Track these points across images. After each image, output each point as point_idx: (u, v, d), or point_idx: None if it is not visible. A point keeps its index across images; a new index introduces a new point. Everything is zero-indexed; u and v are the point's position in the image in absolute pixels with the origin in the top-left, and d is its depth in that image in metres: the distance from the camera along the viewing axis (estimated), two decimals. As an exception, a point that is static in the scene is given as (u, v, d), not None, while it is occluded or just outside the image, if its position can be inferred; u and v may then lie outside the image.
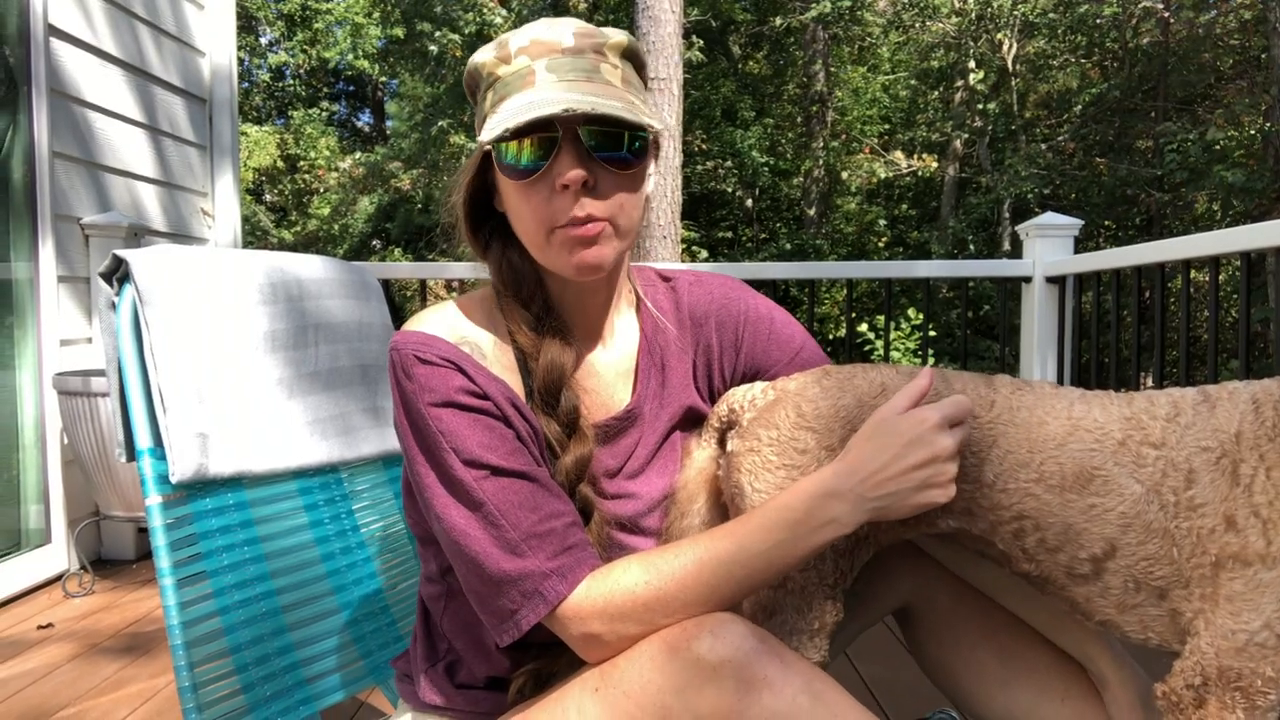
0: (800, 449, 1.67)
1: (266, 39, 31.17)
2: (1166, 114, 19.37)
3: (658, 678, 1.53)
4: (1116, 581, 1.55)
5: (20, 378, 4.95)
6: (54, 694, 3.54)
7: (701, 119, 22.60)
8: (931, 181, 23.45)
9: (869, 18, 22.73)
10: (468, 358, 1.71)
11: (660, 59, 12.28)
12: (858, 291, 18.93)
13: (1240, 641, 1.41)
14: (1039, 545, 1.59)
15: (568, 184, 1.63)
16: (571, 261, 1.69)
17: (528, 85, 1.67)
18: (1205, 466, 1.47)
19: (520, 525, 1.61)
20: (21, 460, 4.98)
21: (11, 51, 4.90)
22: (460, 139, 23.26)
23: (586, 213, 1.65)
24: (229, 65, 6.80)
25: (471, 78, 1.79)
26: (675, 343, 1.97)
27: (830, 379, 1.73)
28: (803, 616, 1.65)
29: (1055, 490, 1.56)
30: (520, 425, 1.71)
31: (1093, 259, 5.12)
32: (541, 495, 1.65)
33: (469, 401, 1.67)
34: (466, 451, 1.64)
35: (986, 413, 1.63)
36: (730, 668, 1.49)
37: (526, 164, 1.65)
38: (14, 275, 4.93)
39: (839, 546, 1.65)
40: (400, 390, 1.70)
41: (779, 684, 1.48)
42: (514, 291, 1.82)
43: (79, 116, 5.32)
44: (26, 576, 4.82)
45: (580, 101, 1.60)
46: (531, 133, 1.63)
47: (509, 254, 1.82)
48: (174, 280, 2.14)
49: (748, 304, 2.02)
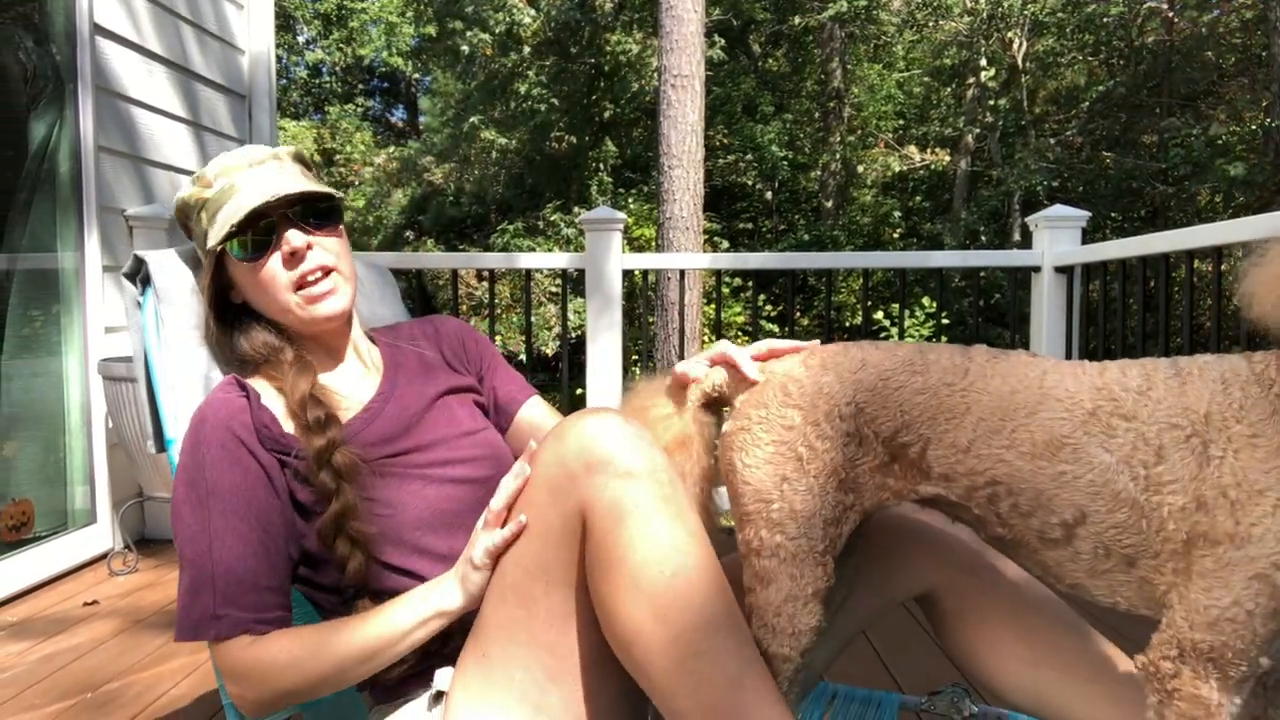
0: (787, 425, 1.70)
1: (304, 37, 31.23)
2: (1170, 110, 19.28)
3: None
4: (1086, 547, 1.55)
5: (67, 363, 4.96)
6: (100, 668, 3.55)
7: (723, 115, 22.52)
8: (944, 175, 23.32)
9: (884, 17, 22.62)
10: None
11: (683, 57, 12.25)
12: (873, 281, 18.87)
13: (1212, 616, 1.41)
14: (1012, 510, 1.60)
15: (295, 249, 1.95)
16: (316, 315, 2.00)
17: (233, 195, 1.96)
18: (1174, 444, 1.46)
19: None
20: (68, 443, 4.99)
21: (59, 50, 4.90)
22: (490, 134, 23.29)
23: (318, 264, 1.98)
24: (268, 62, 6.79)
25: (182, 213, 2.07)
26: (416, 344, 2.30)
27: (814, 359, 1.77)
28: (796, 583, 1.67)
29: (1027, 457, 1.56)
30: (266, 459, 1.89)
31: (1100, 249, 5.08)
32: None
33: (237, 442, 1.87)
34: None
35: (960, 380, 1.64)
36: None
37: (256, 249, 1.96)
38: (61, 265, 4.94)
39: (826, 515, 1.67)
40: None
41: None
42: (264, 359, 2.04)
43: (123, 112, 5.32)
44: (73, 555, 4.83)
45: (281, 188, 1.94)
46: (253, 222, 1.93)
47: (253, 332, 2.07)
48: (189, 280, 2.20)
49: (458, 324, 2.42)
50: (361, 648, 1.76)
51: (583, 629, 1.67)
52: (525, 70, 23.01)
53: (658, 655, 1.54)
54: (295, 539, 1.89)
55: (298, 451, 1.89)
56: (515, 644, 1.68)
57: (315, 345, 2.10)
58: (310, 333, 2.07)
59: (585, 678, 1.68)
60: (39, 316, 4.91)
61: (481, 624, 1.74)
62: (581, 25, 22.14)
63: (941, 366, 1.67)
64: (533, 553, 1.67)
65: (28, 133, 4.82)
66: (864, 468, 1.70)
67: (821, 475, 1.67)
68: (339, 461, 1.87)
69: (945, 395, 1.64)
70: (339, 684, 1.79)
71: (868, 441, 1.69)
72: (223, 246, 1.95)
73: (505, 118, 23.99)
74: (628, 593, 1.55)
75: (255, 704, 1.78)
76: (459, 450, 2.07)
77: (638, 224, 20.29)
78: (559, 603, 1.67)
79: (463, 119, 24.65)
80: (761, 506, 1.69)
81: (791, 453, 1.68)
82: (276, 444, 1.89)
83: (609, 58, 21.85)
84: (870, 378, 1.70)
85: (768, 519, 1.68)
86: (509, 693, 1.68)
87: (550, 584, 1.66)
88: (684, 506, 1.63)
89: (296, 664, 1.75)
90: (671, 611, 1.54)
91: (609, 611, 1.59)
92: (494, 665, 1.69)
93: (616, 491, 1.59)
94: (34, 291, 4.89)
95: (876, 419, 1.68)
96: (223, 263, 2.02)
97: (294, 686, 1.76)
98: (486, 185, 25.05)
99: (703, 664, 1.52)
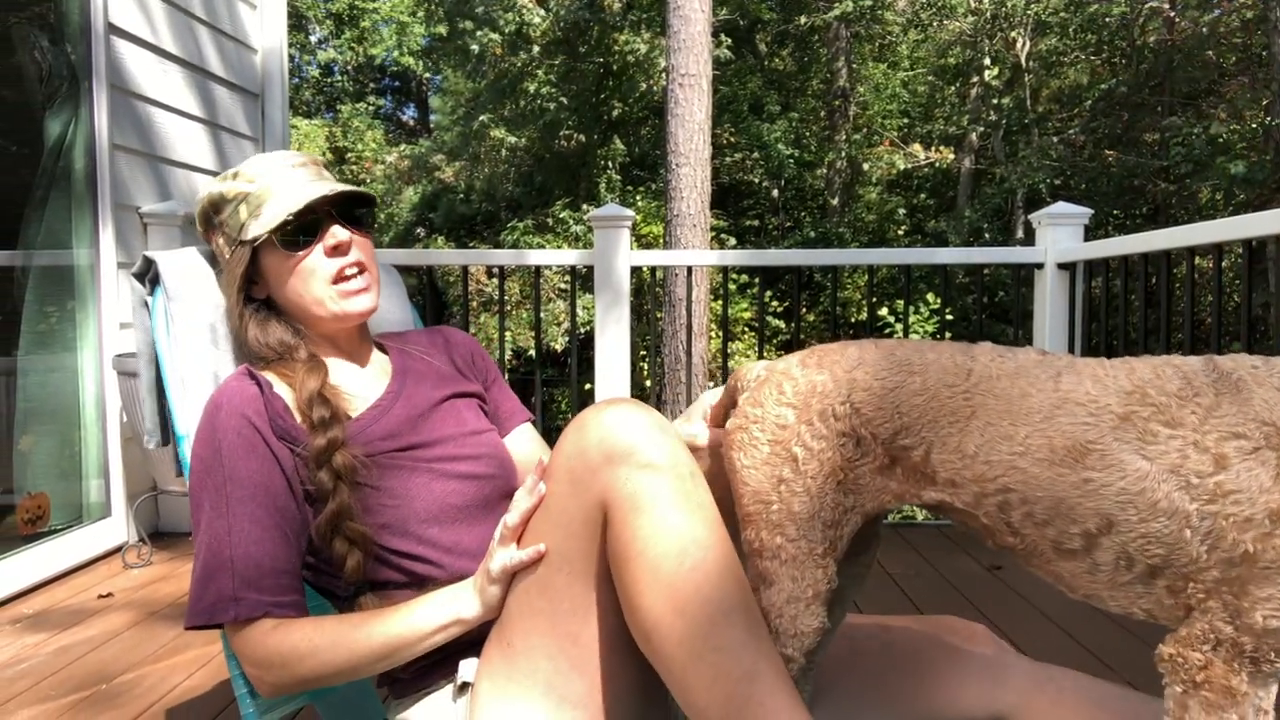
0: (781, 424, 1.68)
1: (316, 37, 31.28)
2: (1172, 109, 19.24)
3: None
4: (1108, 558, 1.49)
5: (82, 358, 4.96)
6: (114, 659, 3.55)
7: (730, 113, 22.51)
8: (948, 173, 23.27)
9: (889, 16, 22.61)
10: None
11: (690, 56, 12.25)
12: (878, 277, 18.81)
13: (1271, 627, 1.36)
14: (1025, 519, 1.55)
15: (339, 243, 2.04)
16: (349, 309, 2.07)
17: (282, 188, 2.04)
18: (1239, 454, 1.38)
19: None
20: (84, 437, 4.99)
21: (74, 48, 4.90)
22: (500, 133, 23.28)
23: (356, 259, 2.07)
24: (280, 62, 6.79)
25: (214, 204, 2.10)
26: (425, 352, 2.31)
27: (812, 357, 1.74)
28: (798, 584, 1.66)
29: (1044, 464, 1.50)
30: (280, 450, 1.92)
31: (1102, 246, 5.07)
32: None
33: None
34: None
35: (962, 381, 1.60)
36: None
37: (305, 236, 2.03)
38: (76, 261, 4.94)
39: (826, 517, 1.65)
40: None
41: None
42: (278, 354, 2.08)
43: (138, 110, 5.32)
44: (88, 548, 4.83)
45: (327, 188, 2.03)
46: (301, 216, 2.00)
47: (270, 327, 2.10)
48: (198, 279, 2.22)
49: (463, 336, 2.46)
50: (381, 645, 1.78)
51: (604, 618, 1.68)
52: (535, 69, 22.99)
53: (675, 647, 1.55)
54: (305, 528, 1.91)
55: (305, 445, 1.91)
56: (539, 634, 1.70)
57: (329, 345, 2.15)
58: (331, 330, 2.13)
59: (607, 666, 1.69)
60: (54, 312, 4.91)
61: (505, 615, 1.76)
62: (590, 25, 22.11)
63: (941, 367, 1.63)
64: (554, 543, 1.69)
65: (43, 130, 4.82)
66: (864, 469, 1.67)
67: (819, 476, 1.65)
68: (338, 462, 1.89)
69: (947, 397, 1.60)
70: (352, 676, 1.81)
71: (866, 443, 1.65)
72: (267, 236, 2.01)
73: (515, 116, 23.98)
74: (647, 584, 1.57)
75: (273, 686, 1.80)
76: (465, 448, 2.09)
77: (646, 221, 20.29)
78: (581, 593, 1.68)
79: (473, 117, 24.65)
80: (761, 508, 1.68)
81: (787, 453, 1.67)
82: (287, 434, 1.91)
83: (617, 57, 21.82)
84: (865, 377, 1.66)
85: (767, 520, 1.67)
86: (534, 682, 1.70)
87: (572, 574, 1.68)
88: (704, 500, 1.64)
89: (316, 653, 1.76)
90: (690, 604, 1.55)
91: (629, 602, 1.60)
92: (518, 656, 1.71)
93: (637, 483, 1.60)
94: (50, 287, 4.89)
95: (873, 420, 1.64)
96: (256, 255, 2.06)
97: (311, 674, 1.78)
98: (496, 183, 25.04)
99: (719, 657, 1.53)
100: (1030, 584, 4.28)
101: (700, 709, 1.54)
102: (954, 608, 3.97)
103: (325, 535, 1.88)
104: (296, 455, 1.91)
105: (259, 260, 2.07)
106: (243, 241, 2.03)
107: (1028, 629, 3.74)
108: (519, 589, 1.74)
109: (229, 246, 2.08)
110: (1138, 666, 3.33)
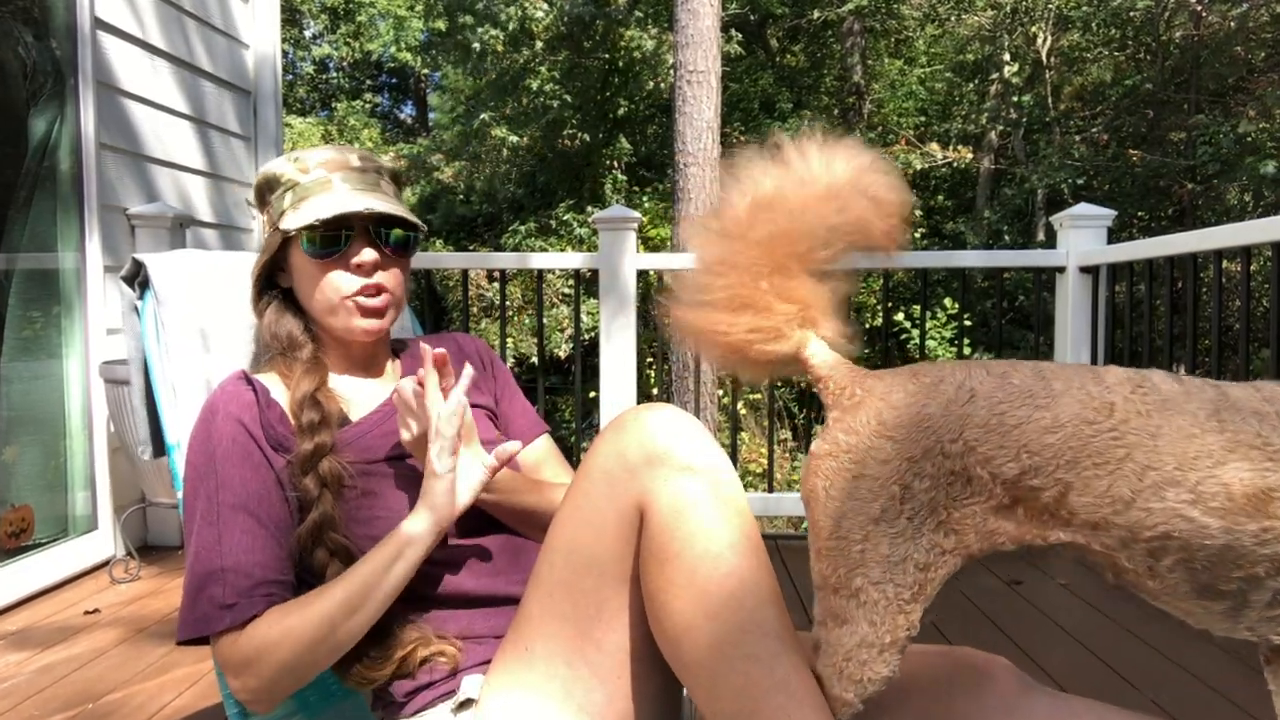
0: (880, 459, 1.53)
1: (310, 32, 31.26)
2: (1199, 106, 19.20)
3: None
4: (1263, 598, 1.41)
5: (68, 366, 4.97)
6: (100, 678, 3.55)
7: (740, 111, 22.49)
8: (967, 173, 23.26)
9: (905, 11, 22.62)
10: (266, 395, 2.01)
11: (699, 52, 12.23)
12: (894, 281, 18.83)
13: None
14: (1178, 564, 1.44)
15: (362, 263, 2.04)
16: (357, 327, 2.08)
17: (327, 190, 2.06)
18: None
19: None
20: (69, 447, 4.99)
21: (59, 44, 4.91)
22: (501, 132, 23.23)
23: (377, 283, 2.07)
24: (273, 58, 6.81)
25: (268, 182, 2.14)
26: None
27: (915, 383, 1.59)
28: (875, 629, 1.53)
29: (1219, 513, 1.39)
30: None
31: (1126, 249, 5.07)
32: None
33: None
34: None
35: (1107, 419, 1.46)
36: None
37: (329, 247, 2.03)
38: (62, 265, 4.95)
39: (918, 560, 1.53)
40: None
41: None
42: (283, 348, 2.12)
43: (126, 108, 5.33)
44: (74, 562, 4.84)
45: (375, 204, 2.02)
46: (335, 224, 2.02)
47: (284, 319, 2.15)
48: (190, 282, 2.25)
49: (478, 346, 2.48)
50: (345, 598, 1.79)
51: (630, 624, 1.69)
52: (537, 66, 22.97)
53: (705, 653, 1.56)
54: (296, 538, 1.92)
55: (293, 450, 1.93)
56: (561, 638, 1.71)
57: (342, 349, 2.19)
58: (340, 339, 2.16)
59: (629, 674, 1.70)
60: (39, 318, 4.92)
61: (525, 617, 1.76)
62: (595, 20, 22.10)
63: (1075, 399, 1.49)
64: (584, 546, 1.70)
65: (27, 130, 4.83)
66: (974, 508, 1.53)
67: (916, 518, 1.52)
68: (324, 469, 1.91)
69: (1090, 436, 1.46)
70: (334, 646, 1.80)
71: (980, 482, 1.51)
72: (295, 233, 2.03)
73: (516, 114, 23.96)
74: (682, 587, 1.58)
75: (262, 692, 1.80)
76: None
77: (652, 223, 20.27)
78: (609, 598, 1.69)
79: (473, 116, 24.61)
80: (843, 544, 1.54)
81: (884, 491, 1.52)
82: (281, 444, 1.93)
83: (623, 53, 21.81)
84: (982, 412, 1.51)
85: (848, 558, 1.54)
86: (552, 688, 1.70)
87: (601, 578, 1.69)
88: (741, 505, 1.65)
89: (288, 632, 1.77)
90: (724, 610, 1.56)
91: (660, 605, 1.61)
92: (537, 660, 1.72)
93: (676, 486, 1.61)
94: (34, 292, 4.90)
95: (993, 459, 1.49)
96: (287, 246, 2.10)
97: (291, 657, 1.77)
98: (497, 183, 25.02)
99: (751, 666, 1.54)
100: (1049, 599, 4.28)
101: (728, 717, 1.55)
102: (973, 623, 3.97)
103: (306, 544, 1.89)
104: (288, 462, 1.91)
105: (288, 251, 2.11)
106: (278, 228, 2.07)
107: (1047, 644, 3.75)
108: (541, 591, 1.74)
109: (269, 227, 2.13)
110: (1157, 681, 3.34)
